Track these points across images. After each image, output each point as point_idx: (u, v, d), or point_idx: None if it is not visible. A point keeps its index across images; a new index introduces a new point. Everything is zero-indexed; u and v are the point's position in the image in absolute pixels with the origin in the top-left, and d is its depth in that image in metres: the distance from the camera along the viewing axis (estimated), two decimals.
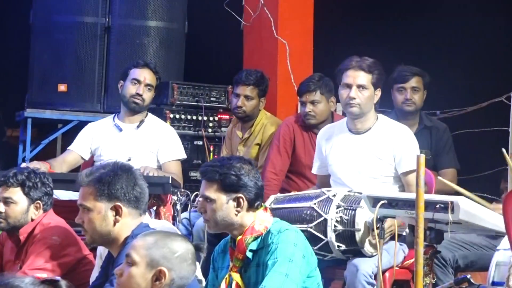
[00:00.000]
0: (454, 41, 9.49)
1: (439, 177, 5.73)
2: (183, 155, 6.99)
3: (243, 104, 7.37)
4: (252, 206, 4.62)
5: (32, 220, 5.54)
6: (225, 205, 4.58)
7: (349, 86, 5.88)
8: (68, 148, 7.00)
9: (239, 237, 4.59)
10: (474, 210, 4.81)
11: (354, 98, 5.87)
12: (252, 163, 4.74)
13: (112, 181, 4.52)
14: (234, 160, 4.70)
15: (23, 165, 6.46)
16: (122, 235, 4.47)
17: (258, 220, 4.62)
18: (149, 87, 6.85)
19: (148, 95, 6.85)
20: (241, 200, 4.59)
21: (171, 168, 6.80)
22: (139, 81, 6.84)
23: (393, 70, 7.18)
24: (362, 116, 5.96)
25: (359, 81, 5.88)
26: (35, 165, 6.31)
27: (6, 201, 5.52)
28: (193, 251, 3.99)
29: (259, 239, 4.59)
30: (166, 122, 7.59)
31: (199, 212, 4.75)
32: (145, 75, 6.86)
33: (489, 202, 5.66)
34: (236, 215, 4.59)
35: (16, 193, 5.53)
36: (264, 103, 7.50)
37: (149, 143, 6.84)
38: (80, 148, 6.92)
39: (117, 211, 4.50)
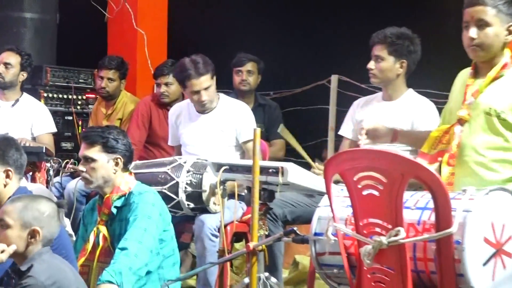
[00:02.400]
0: (284, 32, 9.60)
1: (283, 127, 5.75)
2: (54, 129, 6.96)
3: (106, 85, 7.36)
4: (125, 167, 4.69)
5: None
6: (106, 164, 4.63)
7: (198, 92, 5.93)
8: None
9: (107, 195, 4.62)
10: (300, 174, 4.89)
11: (205, 100, 5.94)
12: (125, 132, 4.80)
13: (6, 148, 4.53)
14: (112, 128, 4.79)
15: None
16: (6, 196, 4.44)
17: (124, 182, 4.66)
18: (7, 65, 6.79)
19: (8, 72, 6.79)
20: (118, 160, 4.65)
21: (44, 140, 6.75)
22: None
23: (233, 57, 7.24)
24: None
25: (205, 85, 5.91)
26: None
27: None
28: (56, 209, 4.01)
29: (123, 198, 4.63)
30: (40, 100, 7.51)
31: (80, 172, 4.74)
32: (3, 57, 6.81)
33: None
34: (114, 173, 4.65)
35: None
36: (124, 84, 7.49)
37: (23, 119, 6.78)
38: None
39: (7, 174, 4.48)
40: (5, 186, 4.49)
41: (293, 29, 9.54)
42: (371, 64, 5.43)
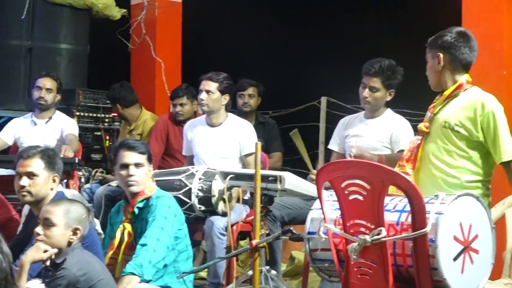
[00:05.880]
0: (282, 60, 9.59)
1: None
2: (77, 132, 6.89)
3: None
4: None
5: None
6: (148, 172, 4.66)
7: (200, 92, 5.95)
8: None
9: (133, 198, 4.60)
10: (295, 181, 4.88)
11: (203, 100, 5.90)
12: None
13: (54, 158, 4.52)
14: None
15: None
16: (49, 198, 4.42)
17: (148, 187, 4.64)
18: (49, 90, 6.75)
19: (49, 96, 6.77)
20: (151, 168, 4.72)
21: (70, 136, 6.71)
22: (40, 88, 6.75)
23: (236, 81, 7.21)
24: (213, 113, 5.98)
25: (206, 87, 5.92)
26: None
27: None
28: (88, 211, 4.05)
29: (145, 201, 4.60)
30: (73, 118, 7.50)
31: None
32: (45, 82, 6.77)
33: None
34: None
35: None
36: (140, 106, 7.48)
37: (55, 133, 6.77)
38: (5, 136, 6.83)
39: (54, 180, 4.47)
40: (51, 189, 4.48)
41: (290, 57, 9.54)
42: (366, 93, 5.36)
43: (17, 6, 8.15)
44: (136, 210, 4.60)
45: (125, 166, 4.62)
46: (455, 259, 3.61)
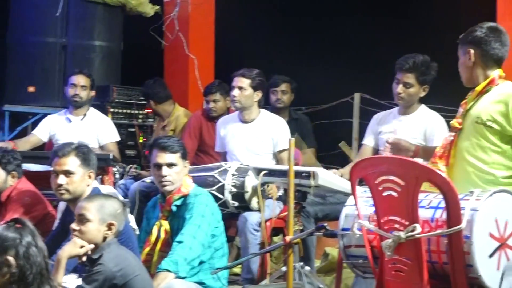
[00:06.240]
0: (315, 56, 9.57)
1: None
2: (118, 138, 6.96)
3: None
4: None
5: (10, 185, 5.42)
6: (183, 169, 4.68)
7: (232, 88, 5.96)
8: (32, 132, 7.00)
9: (169, 195, 4.62)
10: (329, 177, 4.87)
11: (235, 96, 5.90)
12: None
13: (89, 154, 4.55)
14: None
15: None
16: (85, 194, 4.46)
17: (184, 184, 4.66)
18: (83, 87, 6.79)
19: (84, 93, 6.80)
20: (187, 164, 4.75)
21: (109, 147, 6.77)
22: (75, 85, 6.79)
23: (269, 77, 7.20)
24: (245, 110, 5.98)
25: (239, 84, 5.92)
26: (1, 144, 6.26)
27: None
28: (123, 206, 4.07)
29: (182, 198, 4.62)
30: (107, 115, 7.54)
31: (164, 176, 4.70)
32: (79, 80, 6.80)
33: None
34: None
35: None
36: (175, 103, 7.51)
37: (90, 130, 6.80)
38: (40, 133, 6.86)
39: (89, 176, 4.52)
40: (87, 186, 4.53)
41: (322, 53, 9.52)
42: (400, 89, 5.32)
43: (51, 4, 8.21)
44: (174, 208, 4.62)
45: (158, 166, 4.66)
46: (490, 256, 3.59)
